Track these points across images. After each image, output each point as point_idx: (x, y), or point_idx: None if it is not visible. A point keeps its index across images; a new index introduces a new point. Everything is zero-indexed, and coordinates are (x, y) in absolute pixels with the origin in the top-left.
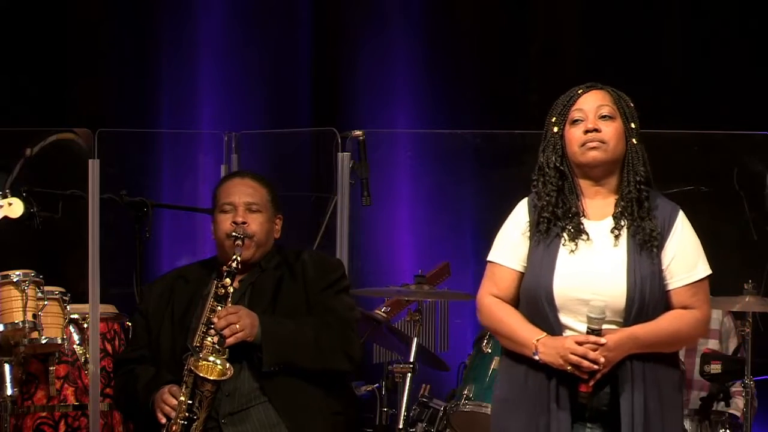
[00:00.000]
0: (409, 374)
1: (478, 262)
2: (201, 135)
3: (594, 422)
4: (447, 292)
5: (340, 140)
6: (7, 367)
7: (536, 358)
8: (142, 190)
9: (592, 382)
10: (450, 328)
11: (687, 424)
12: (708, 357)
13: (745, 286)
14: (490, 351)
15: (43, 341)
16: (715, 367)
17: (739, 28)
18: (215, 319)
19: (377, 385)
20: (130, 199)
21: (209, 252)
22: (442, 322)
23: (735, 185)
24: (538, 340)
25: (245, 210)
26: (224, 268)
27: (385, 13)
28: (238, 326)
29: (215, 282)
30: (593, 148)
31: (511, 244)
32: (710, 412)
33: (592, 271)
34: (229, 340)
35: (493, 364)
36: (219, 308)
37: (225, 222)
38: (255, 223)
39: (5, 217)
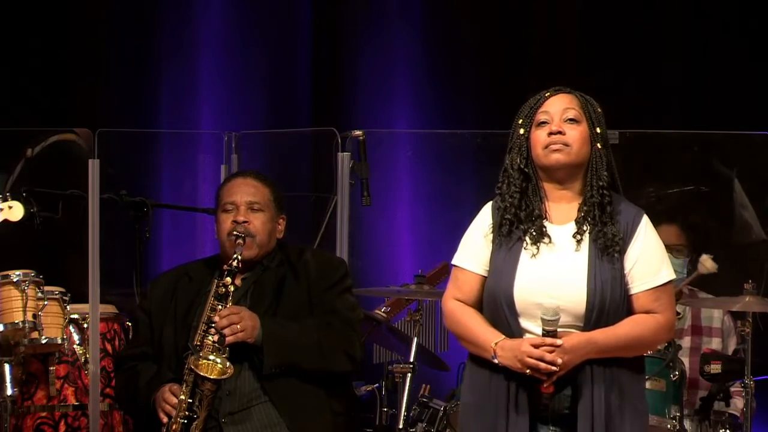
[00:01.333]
0: (409, 374)
1: None
2: (201, 135)
3: (556, 425)
4: None
5: (340, 140)
6: (7, 367)
7: (495, 361)
8: (142, 190)
9: (549, 383)
10: None
11: (687, 424)
12: (708, 357)
13: (745, 286)
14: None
15: (43, 341)
16: (715, 367)
17: (739, 28)
18: (216, 318)
19: (377, 385)
20: (130, 199)
21: (209, 252)
22: (442, 322)
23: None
24: (496, 344)
25: (247, 209)
26: (225, 267)
27: (385, 13)
28: (239, 326)
29: (216, 281)
30: (556, 150)
31: (473, 248)
32: (710, 412)
33: (553, 276)
34: (229, 339)
35: None
36: (219, 307)
37: (227, 221)
38: (257, 223)
39: (5, 221)
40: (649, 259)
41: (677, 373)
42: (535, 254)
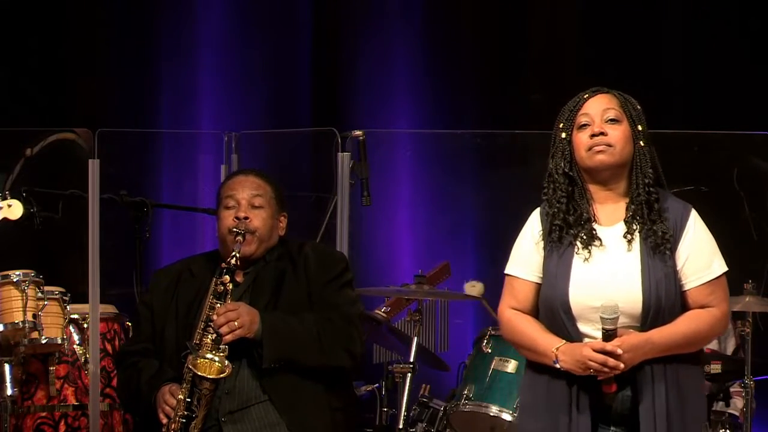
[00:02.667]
0: (409, 374)
1: (478, 263)
2: (201, 135)
3: (617, 425)
4: (447, 292)
5: (340, 140)
6: (7, 367)
7: (557, 366)
8: (142, 190)
9: (612, 383)
10: (450, 328)
11: None
12: (708, 357)
13: (745, 286)
14: (490, 351)
15: (43, 341)
16: (715, 367)
17: (739, 28)
18: (214, 317)
19: (377, 385)
20: (130, 199)
21: None
22: (442, 322)
23: (735, 185)
24: (557, 348)
25: (248, 206)
26: (223, 264)
27: (385, 13)
28: (236, 323)
29: (214, 279)
30: (600, 151)
31: (525, 256)
32: (710, 412)
33: (607, 278)
34: (227, 338)
35: (493, 364)
36: (218, 305)
37: (228, 218)
38: (257, 219)
39: (5, 219)
40: (700, 254)
41: None
42: (587, 258)
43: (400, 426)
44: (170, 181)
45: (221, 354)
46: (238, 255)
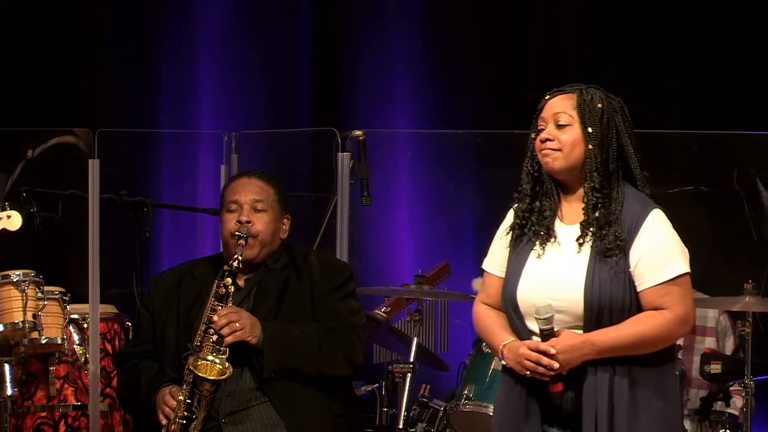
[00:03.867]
0: (409, 374)
1: (478, 263)
2: (201, 135)
3: (564, 427)
4: (447, 292)
5: (340, 140)
6: (7, 367)
7: (503, 362)
8: (142, 190)
9: (555, 382)
10: (450, 328)
11: (687, 424)
12: (708, 357)
13: (745, 286)
14: (489, 351)
15: (43, 341)
16: (715, 367)
17: (739, 28)
18: (215, 318)
19: (377, 385)
20: (130, 199)
21: (209, 252)
22: (442, 322)
23: (735, 185)
24: (504, 345)
25: (250, 209)
26: (225, 267)
27: (385, 13)
28: (237, 325)
29: (216, 281)
30: (546, 156)
31: (495, 251)
32: (710, 412)
33: (552, 277)
34: (228, 339)
35: (493, 364)
36: (219, 307)
37: (230, 221)
38: (260, 223)
39: (4, 230)
40: (655, 255)
41: (677, 373)
42: (540, 255)
43: (400, 426)
44: (170, 181)
45: (222, 356)
46: (240, 258)
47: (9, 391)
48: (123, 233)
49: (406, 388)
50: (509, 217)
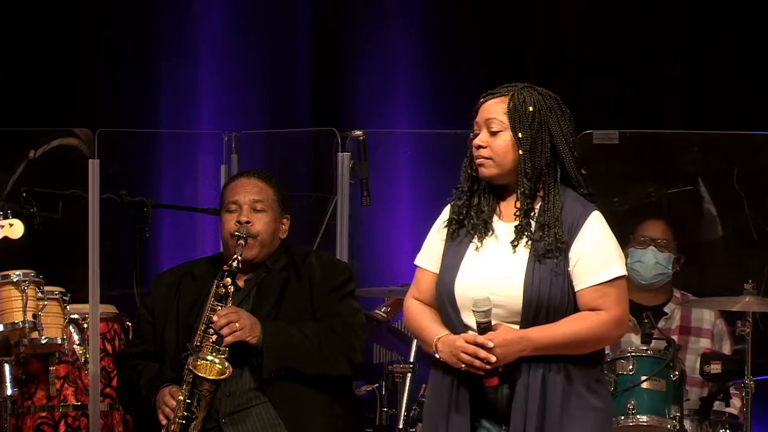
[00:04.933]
0: (409, 374)
1: None
2: (201, 135)
3: (498, 422)
4: None
5: (340, 140)
6: (7, 367)
7: (437, 356)
8: (142, 190)
9: (490, 376)
10: None
11: (687, 424)
12: (708, 357)
13: (745, 286)
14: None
15: (43, 341)
16: (715, 367)
17: (738, 27)
18: (215, 318)
19: (377, 385)
20: (130, 199)
21: (209, 252)
22: None
23: (735, 185)
24: (438, 339)
25: (250, 209)
26: (225, 267)
27: (385, 13)
28: (237, 325)
29: (216, 281)
30: (480, 164)
31: (430, 247)
32: (710, 412)
33: (491, 272)
34: (228, 339)
35: None
36: (219, 307)
37: (230, 221)
38: (259, 223)
39: (5, 238)
40: (592, 257)
41: (677, 373)
42: (478, 248)
43: (400, 426)
44: (170, 181)
45: (222, 356)
46: (239, 258)
47: (9, 391)
48: (123, 233)
49: (406, 388)
50: (445, 213)
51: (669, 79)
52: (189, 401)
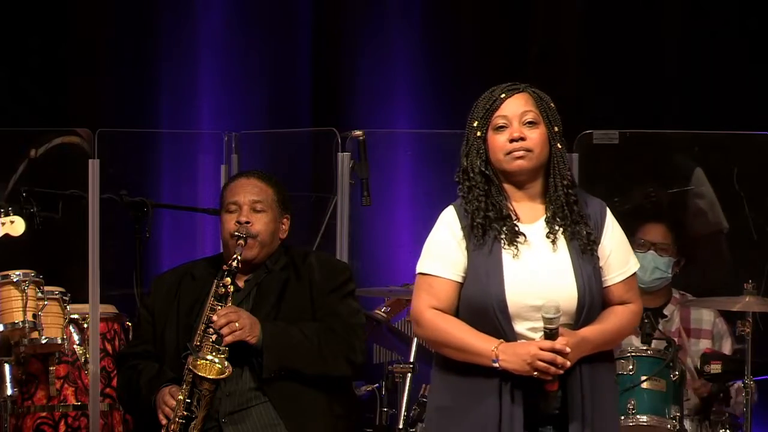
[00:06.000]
0: (409, 374)
1: None
2: (201, 135)
3: (545, 425)
4: None
5: (340, 140)
6: (7, 367)
7: (496, 365)
8: (142, 190)
9: (556, 382)
10: None
11: (687, 424)
12: (708, 357)
13: (745, 286)
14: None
15: (43, 341)
16: (715, 367)
17: (738, 27)
18: (215, 318)
19: (377, 385)
20: (130, 199)
21: (209, 252)
22: None
23: (735, 185)
24: (497, 347)
25: (249, 209)
26: (224, 267)
27: (385, 13)
28: (237, 324)
29: (215, 281)
30: (519, 157)
31: (446, 255)
32: (710, 412)
33: (542, 276)
34: (228, 339)
35: None
36: (219, 307)
37: (229, 222)
38: (259, 223)
39: (6, 235)
40: (619, 251)
41: (677, 373)
42: (516, 255)
43: (400, 426)
44: (170, 181)
45: (221, 355)
46: (239, 258)
47: (9, 391)
48: (123, 233)
49: (406, 388)
50: (452, 219)
51: (669, 79)
52: (189, 401)
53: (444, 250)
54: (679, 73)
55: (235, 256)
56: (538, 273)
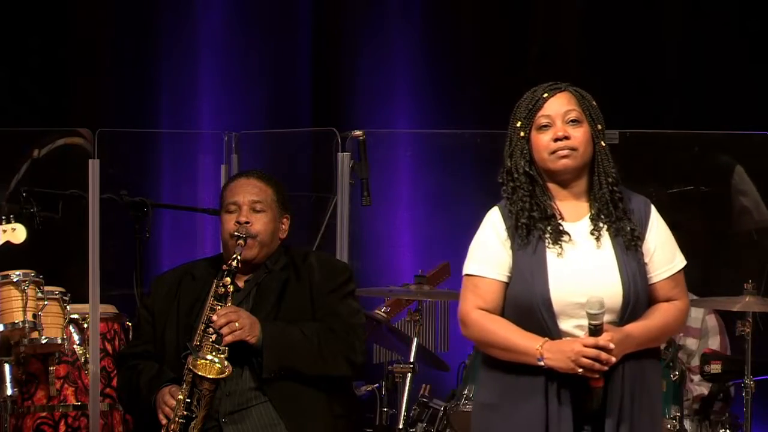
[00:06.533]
0: (409, 374)
1: None
2: (201, 135)
3: (589, 423)
4: (447, 292)
5: (340, 140)
6: (7, 367)
7: (541, 363)
8: (142, 190)
9: (601, 379)
10: (450, 328)
11: (687, 424)
12: (708, 357)
13: (745, 286)
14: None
15: (43, 341)
16: (715, 367)
17: (738, 28)
18: (214, 318)
19: (377, 385)
20: (130, 199)
21: (209, 252)
22: (442, 322)
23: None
24: (542, 346)
25: (249, 210)
26: (224, 266)
27: (385, 13)
28: (237, 324)
29: (215, 281)
30: (564, 156)
31: (492, 255)
32: (710, 412)
33: (587, 274)
34: (227, 338)
35: None
36: (218, 307)
37: (229, 222)
38: (259, 223)
39: (7, 242)
40: (665, 248)
41: (677, 373)
42: (560, 253)
43: (400, 426)
44: (170, 181)
45: (221, 355)
46: (239, 257)
47: (9, 391)
48: (123, 233)
49: (406, 388)
50: (496, 219)
51: (669, 79)
52: (189, 400)
53: (489, 251)
54: (680, 73)
55: (234, 256)
56: (583, 270)
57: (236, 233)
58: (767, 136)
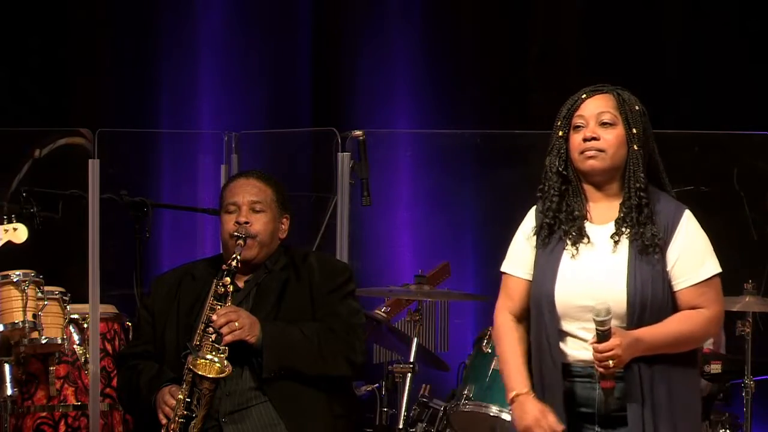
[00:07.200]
0: (409, 374)
1: (478, 263)
2: (201, 135)
3: (604, 426)
4: (447, 292)
5: (340, 140)
6: (7, 367)
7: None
8: (142, 190)
9: (612, 380)
10: (450, 328)
11: None
12: (708, 357)
13: (745, 286)
14: (490, 351)
15: (43, 341)
16: (715, 367)
17: (738, 28)
18: (214, 317)
19: (377, 385)
20: (130, 199)
21: (209, 252)
22: (442, 322)
23: (735, 185)
24: (516, 395)
25: (249, 210)
26: (224, 266)
27: (385, 13)
28: (237, 324)
29: (215, 281)
30: (591, 157)
31: (518, 253)
32: (710, 412)
33: (592, 277)
34: (227, 338)
35: (493, 364)
36: (218, 307)
37: (229, 222)
38: (258, 223)
39: (9, 242)
40: (691, 255)
41: None
42: (575, 255)
43: (400, 426)
44: (170, 181)
45: (221, 355)
46: (239, 257)
47: (9, 391)
48: (123, 233)
49: (406, 388)
50: (530, 218)
51: (669, 79)
52: (189, 400)
53: (517, 249)
54: (680, 73)
55: (234, 256)
56: (591, 274)
57: (236, 233)
58: (767, 136)
